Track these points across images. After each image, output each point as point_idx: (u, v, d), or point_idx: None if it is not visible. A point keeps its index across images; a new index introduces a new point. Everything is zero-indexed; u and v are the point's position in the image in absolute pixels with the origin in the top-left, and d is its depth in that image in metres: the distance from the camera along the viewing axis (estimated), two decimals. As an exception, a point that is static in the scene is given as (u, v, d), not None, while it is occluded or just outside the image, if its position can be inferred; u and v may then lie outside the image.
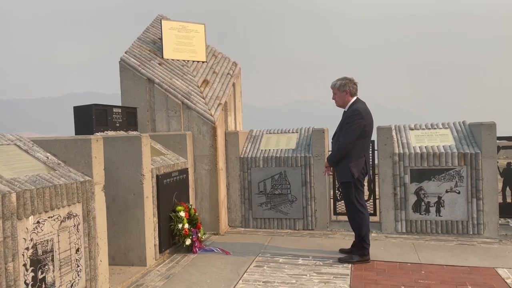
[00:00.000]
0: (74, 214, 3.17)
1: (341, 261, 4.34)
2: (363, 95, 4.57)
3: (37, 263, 2.80)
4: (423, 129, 5.67)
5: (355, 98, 4.46)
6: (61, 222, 3.03)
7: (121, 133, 5.16)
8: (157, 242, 4.52)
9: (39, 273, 2.82)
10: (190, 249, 4.82)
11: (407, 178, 5.27)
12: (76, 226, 3.19)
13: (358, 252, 4.36)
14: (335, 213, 6.05)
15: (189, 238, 4.80)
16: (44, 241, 2.87)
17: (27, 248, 2.72)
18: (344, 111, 4.49)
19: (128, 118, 5.46)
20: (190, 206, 5.06)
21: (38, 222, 2.82)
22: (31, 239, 2.76)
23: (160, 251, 4.57)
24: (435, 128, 5.64)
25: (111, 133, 4.99)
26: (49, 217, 2.92)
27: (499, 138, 5.28)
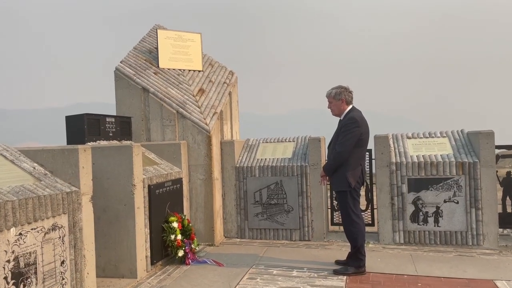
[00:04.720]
0: (59, 226, 3.11)
1: (336, 273, 4.24)
2: (361, 104, 4.51)
3: (19, 276, 2.74)
4: (421, 137, 5.58)
5: (351, 106, 4.40)
6: (45, 234, 2.97)
7: (114, 142, 5.11)
8: (149, 254, 4.44)
9: (21, 286, 2.75)
10: (183, 261, 4.73)
11: (404, 188, 5.18)
12: (61, 238, 3.12)
13: (353, 263, 4.27)
14: (332, 223, 5.95)
15: (182, 249, 4.71)
16: (27, 253, 2.81)
17: (8, 261, 2.66)
18: (340, 119, 4.43)
19: (122, 127, 5.42)
20: (183, 217, 4.98)
21: (20, 234, 2.76)
22: (13, 252, 2.70)
23: (152, 263, 4.48)
24: (432, 137, 5.55)
25: (103, 142, 4.95)
26: (32, 229, 2.85)
27: (498, 147, 5.19)
